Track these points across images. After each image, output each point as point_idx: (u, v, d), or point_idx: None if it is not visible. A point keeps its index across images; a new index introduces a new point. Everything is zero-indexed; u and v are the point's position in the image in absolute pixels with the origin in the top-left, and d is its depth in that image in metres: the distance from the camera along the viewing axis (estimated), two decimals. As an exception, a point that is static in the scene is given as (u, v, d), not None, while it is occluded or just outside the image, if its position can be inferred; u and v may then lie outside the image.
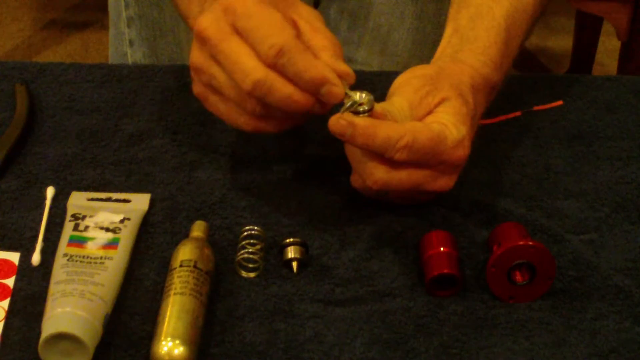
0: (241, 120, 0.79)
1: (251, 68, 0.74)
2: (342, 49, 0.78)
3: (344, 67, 0.76)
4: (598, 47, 2.23)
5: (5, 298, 0.75)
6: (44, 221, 0.81)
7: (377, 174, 0.77)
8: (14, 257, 0.78)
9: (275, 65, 0.74)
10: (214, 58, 0.76)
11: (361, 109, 0.75)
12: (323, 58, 0.76)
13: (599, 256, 0.81)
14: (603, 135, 0.94)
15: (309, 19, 0.79)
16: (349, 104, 0.75)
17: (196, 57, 0.78)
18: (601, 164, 0.90)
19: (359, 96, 0.76)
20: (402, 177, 0.78)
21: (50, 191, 0.84)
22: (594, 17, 2.12)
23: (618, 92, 1.00)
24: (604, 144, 0.93)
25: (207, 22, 0.76)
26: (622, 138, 0.94)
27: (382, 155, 0.76)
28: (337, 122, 0.75)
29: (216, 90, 0.78)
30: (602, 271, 0.79)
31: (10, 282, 0.76)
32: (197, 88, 0.80)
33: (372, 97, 0.76)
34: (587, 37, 2.22)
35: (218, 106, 0.79)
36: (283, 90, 0.75)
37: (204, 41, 0.76)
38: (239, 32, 0.75)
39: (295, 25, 0.77)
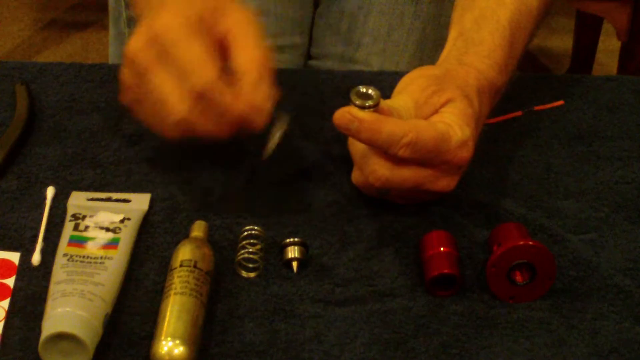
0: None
1: (174, 105, 0.74)
2: (269, 62, 0.76)
3: (260, 96, 0.75)
4: (598, 47, 2.23)
5: (5, 298, 0.75)
6: (44, 221, 0.81)
7: (380, 171, 0.77)
8: (14, 257, 0.78)
9: (197, 102, 0.73)
10: (143, 81, 0.76)
11: (367, 104, 0.76)
12: (244, 86, 0.75)
13: (599, 256, 0.81)
14: (603, 135, 0.94)
15: (238, 29, 0.77)
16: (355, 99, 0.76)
17: (126, 74, 0.77)
18: (601, 164, 0.90)
19: (365, 91, 0.76)
20: (405, 175, 0.78)
21: (50, 191, 0.84)
22: (594, 17, 2.11)
23: (618, 92, 1.00)
24: (604, 144, 0.93)
25: (137, 47, 0.75)
26: (623, 138, 0.94)
27: (385, 152, 0.76)
28: (343, 116, 0.75)
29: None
30: (602, 271, 0.79)
31: (10, 282, 0.76)
32: (126, 81, 0.77)
33: (378, 93, 0.76)
34: (587, 37, 2.22)
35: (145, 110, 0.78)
36: (204, 127, 0.74)
37: (134, 64, 0.75)
38: (166, 63, 0.74)
39: (221, 43, 0.76)
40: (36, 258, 0.78)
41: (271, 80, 0.76)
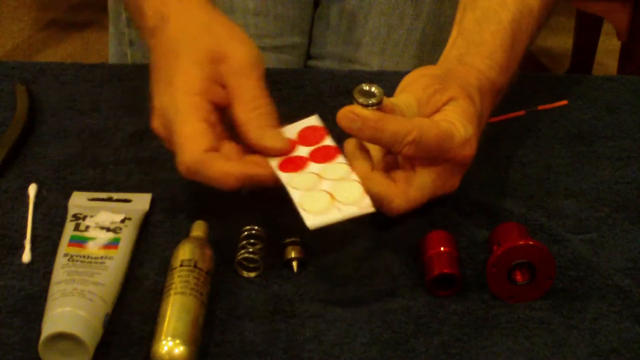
0: None
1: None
2: (269, 109, 0.78)
3: (268, 143, 0.77)
4: (598, 47, 2.24)
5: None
6: (29, 219, 0.81)
7: (396, 202, 0.78)
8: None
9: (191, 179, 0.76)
10: None
11: (370, 102, 0.76)
12: (250, 135, 0.77)
13: (599, 256, 0.81)
14: (603, 135, 0.94)
15: (236, 80, 0.78)
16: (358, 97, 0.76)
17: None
18: (601, 163, 0.91)
19: (368, 88, 0.76)
20: (418, 197, 0.79)
21: (32, 189, 0.84)
22: (594, 17, 2.12)
23: (618, 92, 1.00)
24: (605, 144, 0.93)
25: (158, 127, 0.79)
26: (623, 138, 0.94)
27: (389, 150, 0.77)
28: (346, 115, 0.75)
29: None
30: (602, 271, 0.79)
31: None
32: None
33: (382, 90, 0.76)
34: (587, 37, 2.22)
35: None
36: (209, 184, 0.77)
37: (159, 138, 0.80)
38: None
39: (222, 94, 0.78)
40: (26, 257, 0.78)
41: (274, 126, 0.78)
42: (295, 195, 0.75)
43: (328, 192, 0.74)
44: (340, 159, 0.77)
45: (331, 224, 0.73)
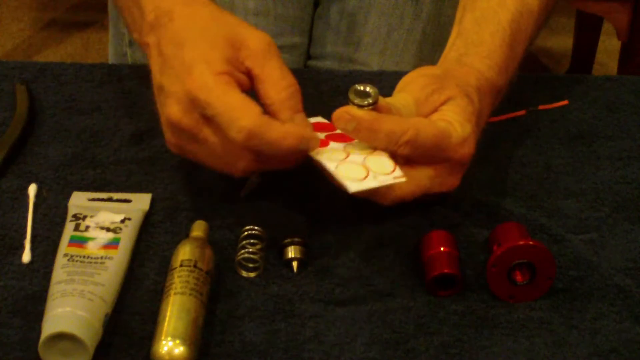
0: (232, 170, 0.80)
1: (233, 164, 0.78)
2: (297, 87, 0.78)
3: (302, 128, 0.77)
4: (598, 47, 2.24)
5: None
6: (29, 219, 0.81)
7: (389, 195, 0.79)
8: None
9: (249, 146, 0.75)
10: (195, 141, 0.78)
11: (366, 102, 0.76)
12: (281, 115, 0.77)
13: (599, 256, 0.81)
14: (603, 135, 0.94)
15: (258, 63, 0.78)
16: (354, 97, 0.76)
17: (173, 137, 0.79)
18: (602, 163, 0.91)
19: (363, 89, 0.76)
20: (412, 189, 0.79)
21: (32, 189, 0.84)
22: (594, 17, 2.12)
23: (618, 92, 1.00)
24: (605, 144, 0.93)
25: (179, 114, 0.76)
26: (623, 138, 0.94)
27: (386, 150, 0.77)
28: (341, 116, 0.76)
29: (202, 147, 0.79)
30: (602, 271, 0.79)
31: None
32: (174, 141, 0.79)
33: (377, 90, 0.76)
34: (587, 37, 2.22)
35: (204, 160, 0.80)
36: (266, 167, 0.78)
37: (181, 130, 0.77)
38: (209, 120, 0.75)
39: (249, 75, 0.78)
40: (26, 257, 0.78)
41: (300, 109, 0.78)
42: (331, 166, 0.75)
43: (361, 164, 0.75)
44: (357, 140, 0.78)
45: (369, 190, 0.75)
